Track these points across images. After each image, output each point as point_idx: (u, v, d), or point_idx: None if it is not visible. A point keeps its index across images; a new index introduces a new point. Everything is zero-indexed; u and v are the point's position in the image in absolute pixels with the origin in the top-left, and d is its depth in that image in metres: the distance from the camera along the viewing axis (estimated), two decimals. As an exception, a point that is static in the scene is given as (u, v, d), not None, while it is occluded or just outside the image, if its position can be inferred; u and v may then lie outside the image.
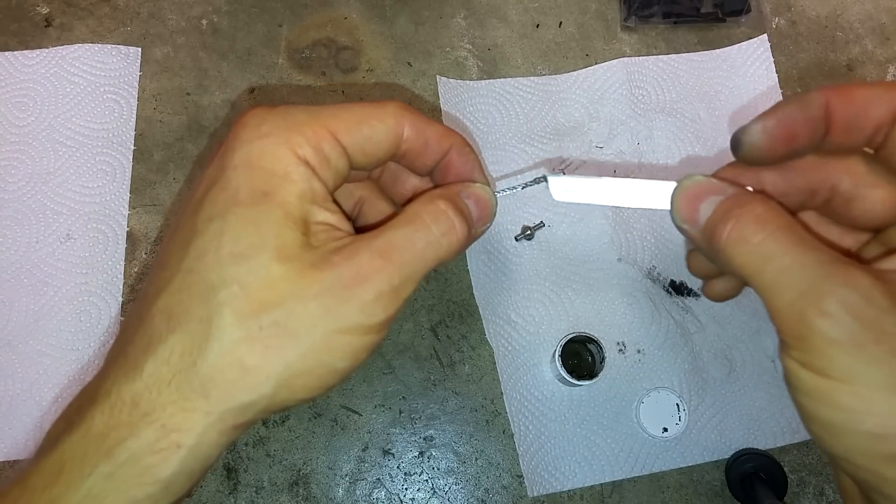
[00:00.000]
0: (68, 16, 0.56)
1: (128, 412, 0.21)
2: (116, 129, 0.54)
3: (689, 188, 0.25)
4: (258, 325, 0.21)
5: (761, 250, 0.21)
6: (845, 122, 0.23)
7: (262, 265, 0.22)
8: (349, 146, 0.25)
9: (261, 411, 0.22)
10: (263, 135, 0.23)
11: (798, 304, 0.20)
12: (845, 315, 0.19)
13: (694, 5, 0.59)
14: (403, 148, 0.26)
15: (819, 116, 0.23)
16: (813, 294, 0.20)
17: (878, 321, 0.19)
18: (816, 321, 0.20)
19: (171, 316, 0.22)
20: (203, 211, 0.23)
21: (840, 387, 0.19)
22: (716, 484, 0.49)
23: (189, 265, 0.22)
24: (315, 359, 0.22)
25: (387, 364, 0.50)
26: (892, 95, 0.22)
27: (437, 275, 0.52)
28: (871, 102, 0.22)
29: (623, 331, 0.51)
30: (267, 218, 0.22)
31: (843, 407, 0.20)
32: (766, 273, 0.21)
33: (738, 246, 0.22)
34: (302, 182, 0.23)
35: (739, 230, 0.22)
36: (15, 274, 0.50)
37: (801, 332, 0.20)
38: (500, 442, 0.49)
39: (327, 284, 0.22)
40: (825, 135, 0.23)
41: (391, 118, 0.25)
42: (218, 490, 0.47)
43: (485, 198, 0.27)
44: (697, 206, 0.24)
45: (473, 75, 0.57)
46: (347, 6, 0.59)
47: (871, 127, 0.23)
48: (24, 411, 0.47)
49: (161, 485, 0.21)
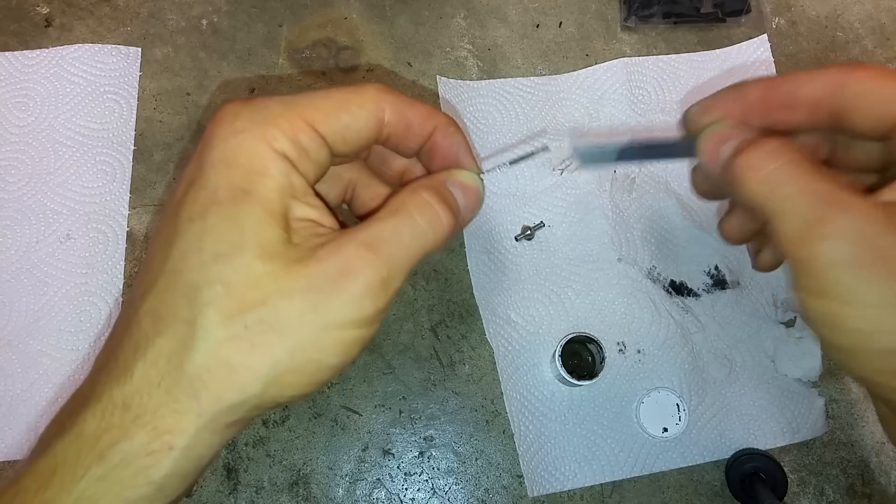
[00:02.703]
0: (68, 16, 0.56)
1: (119, 415, 0.21)
2: (116, 129, 0.54)
3: (715, 132, 0.26)
4: (243, 324, 0.21)
5: (771, 179, 0.23)
6: (780, 99, 0.25)
7: (245, 263, 0.22)
8: (328, 135, 0.24)
9: (252, 409, 0.22)
10: (239, 130, 0.23)
11: (803, 228, 0.21)
12: (845, 238, 0.20)
13: (694, 5, 0.59)
14: (386, 132, 0.26)
15: (753, 97, 0.26)
16: (816, 220, 0.21)
17: (877, 244, 0.20)
18: (819, 244, 0.21)
19: (157, 318, 0.22)
20: (184, 211, 0.23)
21: (846, 310, 0.20)
22: (716, 484, 0.49)
23: (172, 266, 0.22)
24: (304, 355, 0.22)
25: (387, 364, 0.50)
26: (818, 74, 0.25)
27: (437, 275, 0.52)
28: (800, 81, 0.25)
29: (623, 331, 0.51)
30: (247, 216, 0.22)
31: (852, 329, 0.21)
32: (774, 200, 0.22)
33: (751, 173, 0.23)
34: (280, 177, 0.23)
35: (753, 160, 0.24)
36: (15, 274, 0.50)
37: (806, 256, 0.21)
38: (500, 442, 0.49)
39: (313, 280, 0.22)
40: (766, 113, 0.26)
41: (371, 102, 0.25)
42: (218, 490, 0.47)
43: (471, 185, 0.27)
44: (720, 147, 0.25)
45: (473, 75, 0.57)
46: (347, 6, 0.59)
47: (804, 104, 0.25)
48: (23, 411, 0.47)
49: (155, 486, 0.21)
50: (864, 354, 0.21)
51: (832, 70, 0.24)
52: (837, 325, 0.21)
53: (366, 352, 0.50)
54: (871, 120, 0.24)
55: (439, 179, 0.26)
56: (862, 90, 0.23)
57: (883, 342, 0.20)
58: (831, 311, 0.21)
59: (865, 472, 0.50)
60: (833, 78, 0.24)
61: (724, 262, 0.53)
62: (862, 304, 0.20)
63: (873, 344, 0.20)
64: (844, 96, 0.24)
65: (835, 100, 0.24)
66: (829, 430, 0.51)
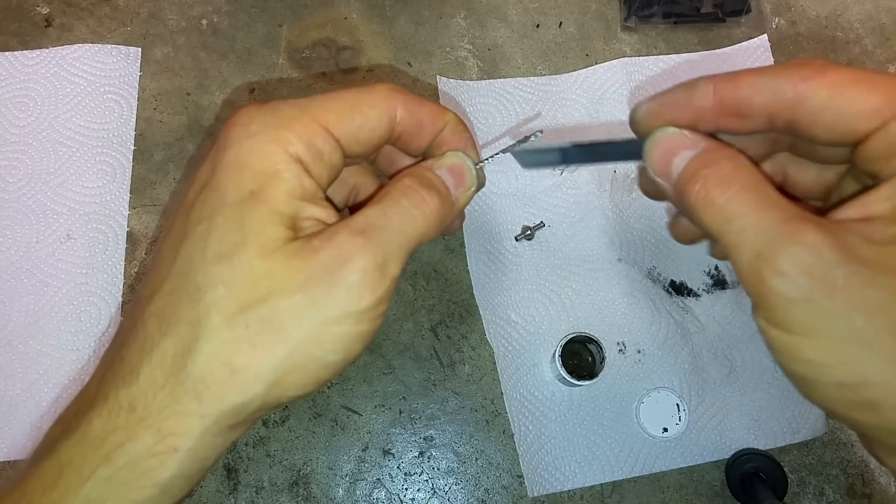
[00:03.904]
0: (68, 16, 0.56)
1: (125, 417, 0.21)
2: (116, 129, 0.54)
3: (663, 141, 0.25)
4: (245, 323, 0.21)
5: (724, 212, 0.22)
6: (733, 108, 0.23)
7: (245, 262, 0.22)
8: (342, 137, 0.24)
9: (255, 411, 0.22)
10: (253, 134, 0.23)
11: (755, 263, 0.21)
12: (797, 272, 0.20)
13: (694, 5, 0.59)
14: (398, 131, 0.26)
15: (705, 104, 0.24)
16: (767, 254, 0.20)
17: (828, 276, 0.19)
18: (771, 280, 0.20)
19: (162, 319, 0.22)
20: (194, 213, 0.23)
21: (803, 341, 0.20)
22: (716, 484, 0.49)
23: (179, 268, 0.22)
24: (304, 353, 0.22)
25: (387, 364, 0.50)
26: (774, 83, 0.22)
27: (437, 275, 0.52)
28: (755, 89, 0.23)
29: (623, 331, 0.51)
30: (251, 215, 0.22)
31: (809, 361, 0.20)
32: (729, 234, 0.22)
33: (704, 207, 0.22)
34: (292, 179, 0.23)
35: (707, 191, 0.22)
36: (15, 274, 0.50)
37: (761, 291, 0.21)
38: (500, 442, 0.49)
39: (311, 272, 0.22)
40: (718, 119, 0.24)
41: (382, 102, 0.25)
42: (218, 490, 0.47)
43: (457, 164, 0.27)
44: (671, 161, 0.24)
45: (473, 75, 0.57)
46: (347, 6, 0.59)
47: (759, 113, 0.23)
48: (23, 411, 0.47)
49: (160, 488, 0.21)
50: (821, 385, 0.20)
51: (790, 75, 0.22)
52: (795, 356, 0.20)
53: (366, 352, 0.50)
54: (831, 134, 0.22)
55: (423, 165, 0.26)
56: (821, 104, 0.22)
57: (838, 375, 0.20)
58: (789, 342, 0.20)
59: (865, 472, 0.50)
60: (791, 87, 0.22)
61: (724, 262, 0.53)
62: (818, 337, 0.20)
63: (830, 376, 0.20)
64: (803, 110, 0.22)
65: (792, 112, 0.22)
66: (829, 430, 0.51)
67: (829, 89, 0.22)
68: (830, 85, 0.22)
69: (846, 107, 0.21)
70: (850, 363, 0.19)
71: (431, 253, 0.53)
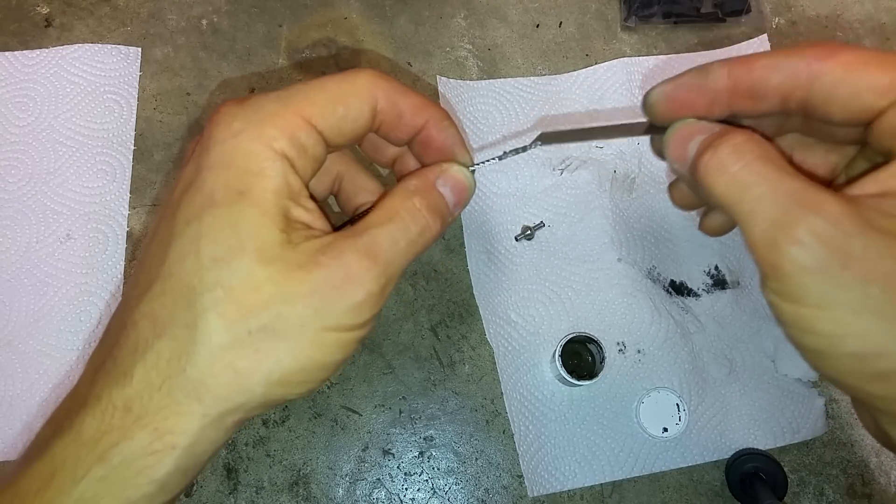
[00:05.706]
0: (68, 16, 0.56)
1: (120, 417, 0.21)
2: (116, 129, 0.54)
3: (681, 129, 0.25)
4: (246, 329, 0.21)
5: (738, 179, 0.22)
6: (748, 89, 0.24)
7: (244, 268, 0.22)
8: (325, 129, 0.24)
9: (256, 408, 0.23)
10: (237, 132, 0.23)
11: (771, 232, 0.21)
12: (815, 242, 0.20)
13: (694, 5, 0.59)
14: (378, 119, 0.26)
15: (719, 86, 0.24)
16: (785, 222, 0.20)
17: (845, 247, 0.19)
18: (788, 249, 0.20)
19: (155, 321, 0.22)
20: (180, 213, 0.23)
21: (816, 313, 0.20)
22: (716, 484, 0.49)
23: (169, 269, 0.22)
24: (306, 357, 0.22)
25: (387, 364, 0.50)
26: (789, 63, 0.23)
27: (437, 275, 0.52)
28: (770, 70, 0.23)
29: (623, 331, 0.51)
30: (244, 218, 0.22)
31: (822, 333, 0.20)
32: (742, 202, 0.22)
33: (717, 175, 0.22)
34: (277, 177, 0.23)
35: (718, 159, 0.23)
36: (15, 274, 0.50)
37: (775, 261, 0.21)
38: (500, 442, 0.49)
39: (316, 285, 0.22)
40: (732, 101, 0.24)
41: (364, 91, 0.25)
42: (218, 490, 0.47)
43: (462, 182, 0.27)
44: (686, 146, 0.24)
45: (473, 75, 0.57)
46: (347, 6, 0.59)
47: (773, 94, 0.24)
48: (23, 411, 0.47)
49: (156, 484, 0.21)
50: (834, 357, 0.20)
51: (803, 55, 0.23)
52: (807, 328, 0.20)
53: (366, 352, 0.50)
54: (845, 112, 0.23)
55: (430, 180, 0.26)
56: (836, 81, 0.22)
57: (853, 346, 0.20)
58: (801, 315, 0.20)
59: (865, 472, 0.50)
60: (805, 67, 0.22)
61: (724, 262, 0.53)
62: (832, 309, 0.20)
63: (843, 347, 0.20)
64: (817, 88, 0.22)
65: (807, 91, 0.23)
66: (829, 430, 0.51)
67: (843, 67, 0.22)
68: (844, 64, 0.22)
69: (860, 84, 0.22)
70: (865, 334, 0.20)
71: (431, 253, 0.53)
